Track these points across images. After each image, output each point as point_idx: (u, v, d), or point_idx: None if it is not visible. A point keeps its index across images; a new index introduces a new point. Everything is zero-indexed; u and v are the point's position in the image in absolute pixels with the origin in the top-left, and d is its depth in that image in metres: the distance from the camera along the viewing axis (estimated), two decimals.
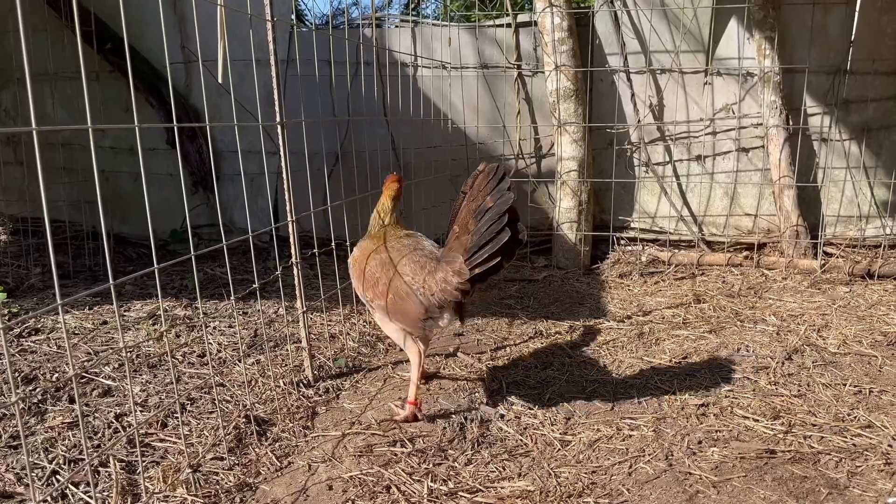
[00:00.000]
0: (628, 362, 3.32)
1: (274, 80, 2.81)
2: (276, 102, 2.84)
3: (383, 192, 3.04)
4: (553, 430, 2.62)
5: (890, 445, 2.43)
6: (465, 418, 2.71)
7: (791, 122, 5.01)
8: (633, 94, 5.39)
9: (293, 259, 2.95)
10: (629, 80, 5.37)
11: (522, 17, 5.56)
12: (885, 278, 4.73)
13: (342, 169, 5.68)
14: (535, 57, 5.58)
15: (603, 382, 3.10)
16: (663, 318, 4.06)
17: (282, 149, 2.87)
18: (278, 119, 2.85)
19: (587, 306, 4.39)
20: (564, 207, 5.33)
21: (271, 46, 2.77)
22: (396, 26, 5.86)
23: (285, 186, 2.90)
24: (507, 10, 5.53)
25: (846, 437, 2.50)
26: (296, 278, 2.98)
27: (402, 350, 3.49)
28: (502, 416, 2.75)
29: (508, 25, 5.56)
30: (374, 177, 4.45)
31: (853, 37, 4.95)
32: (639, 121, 5.40)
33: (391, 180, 3.03)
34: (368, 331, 3.77)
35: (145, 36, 5.51)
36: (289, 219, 2.93)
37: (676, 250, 5.34)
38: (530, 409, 2.81)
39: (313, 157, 5.57)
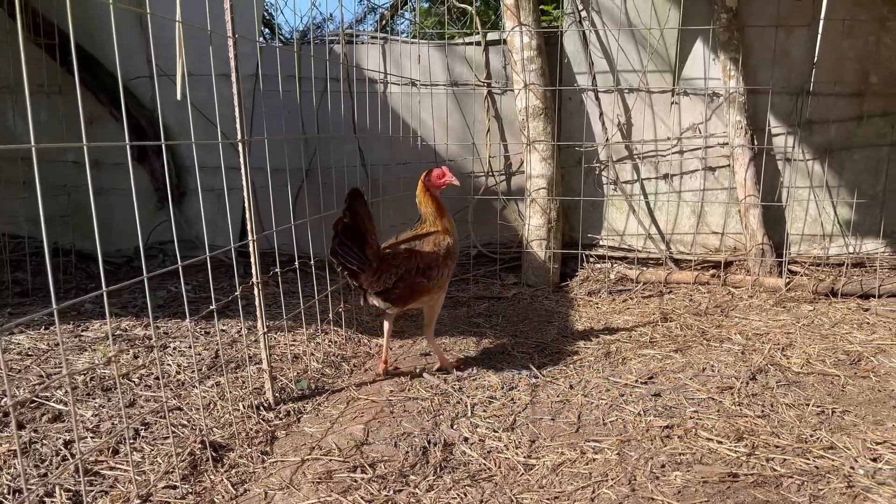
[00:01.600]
0: (595, 382, 3.30)
1: (235, 97, 2.76)
2: (238, 119, 2.79)
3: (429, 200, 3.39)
4: (517, 454, 2.58)
5: (852, 468, 2.43)
6: (429, 442, 2.67)
7: (756, 142, 5.08)
8: (601, 113, 5.42)
9: (253, 279, 2.89)
10: (597, 98, 5.40)
11: (492, 36, 5.58)
12: (847, 296, 4.79)
13: (310, 186, 5.63)
14: (504, 75, 5.60)
15: (569, 403, 3.07)
16: (630, 336, 4.05)
17: (243, 167, 2.82)
18: (239, 136, 2.80)
19: (555, 325, 4.37)
20: (534, 225, 5.33)
21: (232, 63, 2.73)
22: (364, 42, 5.84)
23: (246, 205, 2.85)
24: (476, 28, 5.55)
25: (809, 459, 2.50)
26: (256, 299, 2.92)
27: (366, 370, 3.45)
28: (466, 440, 2.71)
29: (478, 44, 5.58)
30: (341, 194, 4.41)
31: (816, 59, 5.04)
32: (607, 139, 5.44)
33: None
34: (333, 351, 3.71)
35: (109, 49, 5.42)
36: (249, 237, 2.88)
37: (645, 268, 5.37)
38: (495, 431, 2.77)
39: (282, 173, 5.53)
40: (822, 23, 4.96)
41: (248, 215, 2.84)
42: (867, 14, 4.91)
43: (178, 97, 2.55)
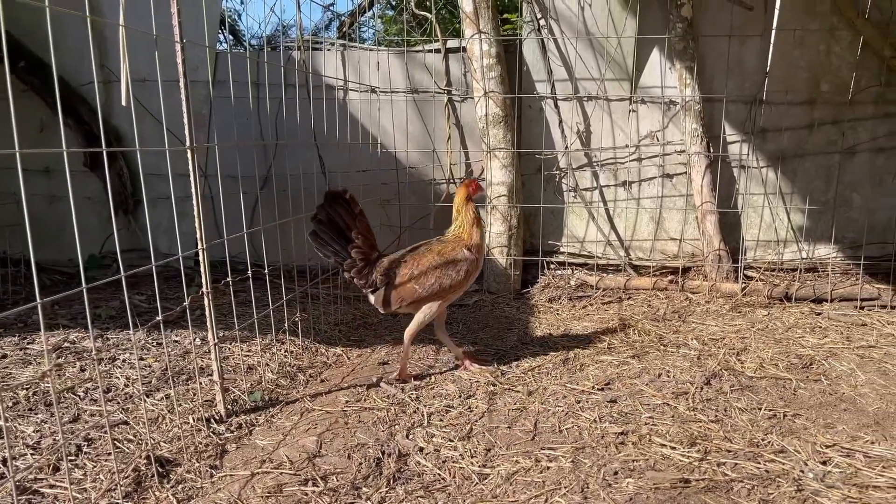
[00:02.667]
0: (552, 389, 3.30)
1: (183, 102, 2.70)
2: (186, 126, 2.73)
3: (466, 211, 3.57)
4: (472, 463, 2.56)
5: (802, 471, 2.46)
6: (383, 452, 2.63)
7: (712, 150, 5.16)
8: (560, 121, 5.46)
9: (203, 289, 2.83)
10: (557, 106, 5.43)
11: (452, 43, 5.58)
12: (801, 301, 4.88)
13: (269, 193, 5.56)
14: (464, 83, 5.61)
15: (526, 411, 3.06)
16: (589, 342, 4.07)
17: (192, 174, 2.76)
18: (188, 143, 2.74)
19: (515, 332, 4.37)
20: (495, 232, 5.33)
21: (180, 69, 2.67)
22: (324, 49, 5.79)
23: (195, 213, 2.79)
24: (436, 35, 5.54)
25: (759, 463, 2.52)
26: (206, 309, 2.85)
27: (322, 381, 3.40)
28: (421, 450, 2.67)
29: (438, 51, 5.57)
30: (301, 200, 4.35)
31: (768, 68, 5.14)
32: (566, 147, 5.47)
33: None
34: (289, 361, 3.65)
35: (62, 54, 5.29)
36: (199, 246, 2.81)
37: (604, 274, 5.40)
38: (451, 440, 2.75)
39: (241, 180, 5.44)
40: (773, 33, 5.07)
41: (196, 223, 2.78)
42: (818, 24, 5.02)
43: (123, 103, 2.48)
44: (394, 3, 8.85)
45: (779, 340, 4.05)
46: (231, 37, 9.65)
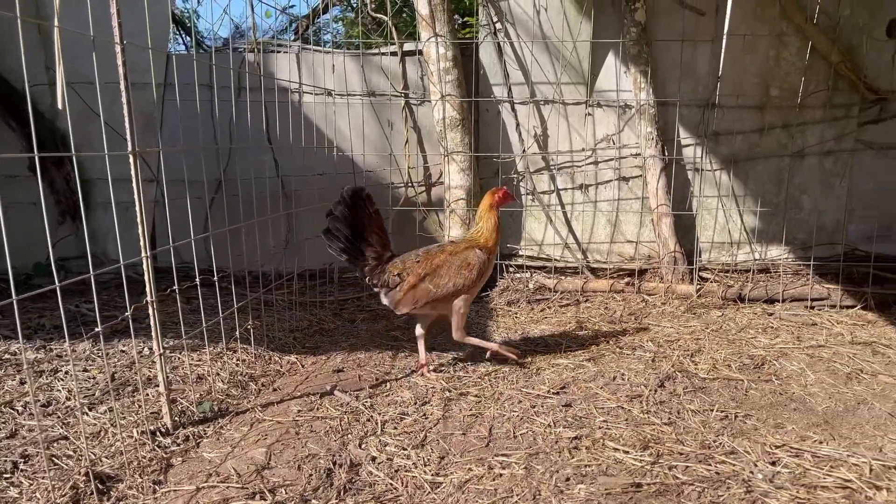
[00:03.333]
0: (508, 394, 3.28)
1: (124, 106, 2.62)
2: (128, 130, 2.65)
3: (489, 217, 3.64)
4: (425, 472, 2.52)
5: (751, 472, 2.48)
6: (334, 463, 2.58)
7: (666, 153, 5.21)
8: (518, 125, 5.46)
9: (148, 297, 2.74)
10: (514, 110, 5.44)
11: (409, 46, 5.55)
12: (754, 302, 4.96)
13: (223, 197, 5.44)
14: (421, 86, 5.58)
15: (481, 417, 3.03)
16: (546, 346, 4.07)
17: (134, 179, 2.67)
18: (129, 148, 2.65)
19: (474, 336, 4.34)
20: (454, 236, 5.31)
21: (121, 70, 2.59)
22: (279, 51, 5.70)
23: (139, 219, 2.70)
24: (390, 37, 5.50)
25: (710, 465, 2.53)
26: (151, 318, 2.77)
27: (275, 390, 3.33)
28: (374, 459, 2.63)
29: (394, 54, 5.53)
30: (257, 204, 4.28)
31: (720, 73, 5.22)
32: (524, 150, 5.48)
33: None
34: (241, 370, 3.56)
35: (5, 55, 5.13)
36: (143, 254, 2.73)
37: (562, 277, 5.41)
38: (404, 449, 2.71)
39: (193, 184, 5.32)
40: (725, 38, 5.15)
41: (140, 231, 2.70)
42: (767, 30, 5.12)
43: (59, 106, 2.39)
44: (354, 4, 8.78)
45: (732, 341, 4.10)
46: (189, 38, 9.46)
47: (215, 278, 3.38)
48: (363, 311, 4.97)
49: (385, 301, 3.59)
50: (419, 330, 3.68)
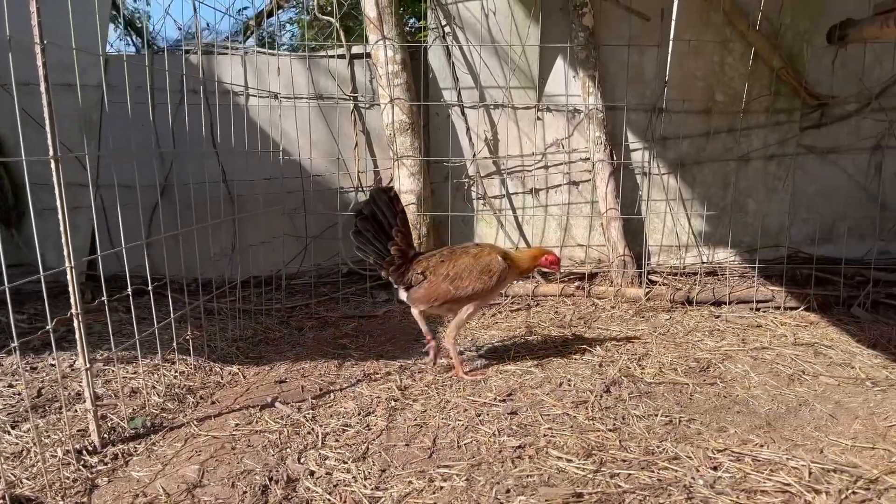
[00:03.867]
0: (454, 402, 3.23)
1: (45, 109, 2.49)
2: (49, 135, 2.52)
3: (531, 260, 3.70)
4: (365, 486, 2.45)
5: (693, 478, 2.47)
6: (270, 479, 2.49)
7: (615, 157, 5.24)
8: (468, 129, 5.43)
9: (72, 309, 2.61)
10: (464, 114, 5.41)
11: (357, 49, 5.47)
12: (702, 304, 5.01)
13: (166, 203, 5.27)
14: (370, 89, 5.51)
15: (426, 426, 2.98)
16: (495, 352, 4.03)
17: (56, 186, 2.55)
18: (51, 153, 2.52)
19: (423, 343, 4.28)
20: None
21: (41, 72, 2.46)
22: (221, 53, 5.56)
23: (61, 228, 2.57)
24: (338, 39, 5.42)
25: (653, 472, 2.52)
26: (77, 332, 2.64)
27: (214, 403, 3.23)
28: (312, 474, 2.55)
29: (342, 57, 5.45)
30: (200, 210, 4.16)
31: (667, 78, 5.27)
32: (474, 154, 5.45)
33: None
34: (179, 382, 3.44)
35: None
36: (66, 264, 2.60)
37: (513, 281, 5.38)
38: (344, 462, 2.63)
39: (134, 189, 5.15)
40: (671, 43, 5.20)
41: (63, 240, 2.57)
42: (711, 36, 5.19)
43: None
44: (307, 6, 8.65)
45: (679, 344, 4.13)
46: (138, 38, 9.21)
47: (149, 287, 3.25)
48: (311, 319, 4.87)
49: (402, 297, 3.68)
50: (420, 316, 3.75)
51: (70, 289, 2.61)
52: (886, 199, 5.46)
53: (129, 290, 3.01)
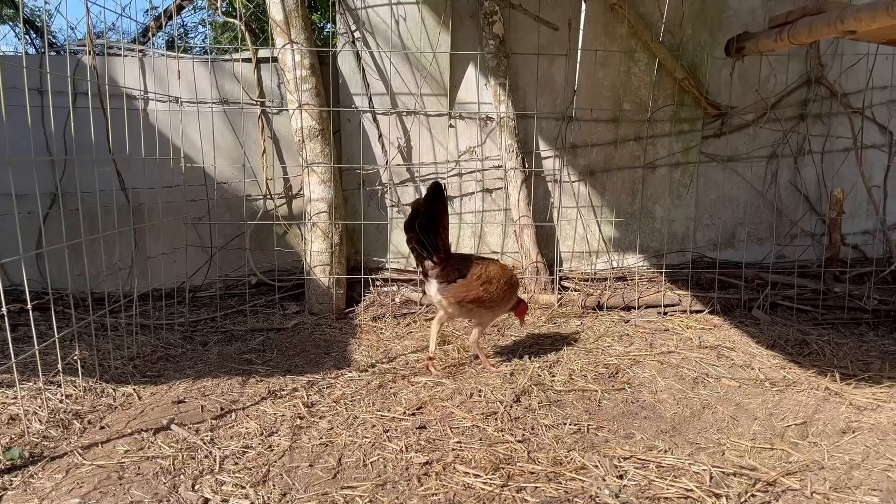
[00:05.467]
0: (363, 418, 3.14)
1: None
2: None
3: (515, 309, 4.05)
4: None
5: (599, 488, 2.47)
6: None
7: (527, 165, 5.27)
8: (380, 135, 5.35)
9: None
10: (376, 120, 5.32)
11: (263, 53, 5.30)
12: (612, 309, 5.10)
13: (57, 212, 4.95)
14: (279, 94, 5.34)
15: (332, 445, 2.87)
16: (407, 363, 3.96)
17: None
18: None
19: (333, 356, 4.17)
20: (316, 250, 5.10)
21: None
22: (118, 54, 5.26)
23: None
24: (243, 42, 5.23)
25: (560, 483, 2.50)
26: None
27: (103, 428, 3.02)
28: (206, 502, 2.40)
29: (248, 60, 5.26)
30: (88, 222, 3.89)
31: (576, 87, 5.35)
32: (387, 162, 5.37)
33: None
34: (65, 406, 3.19)
35: None
36: None
37: None
38: (243, 488, 2.50)
39: (23, 198, 4.82)
40: (579, 53, 5.28)
41: None
42: (618, 46, 5.30)
43: None
44: (217, 7, 8.36)
45: (589, 350, 4.17)
46: (38, 37, 8.72)
47: (28, 306, 3.00)
48: (217, 333, 4.66)
49: (433, 290, 3.71)
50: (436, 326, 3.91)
51: None
52: (782, 206, 5.71)
53: (4, 308, 2.76)
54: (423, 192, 5.37)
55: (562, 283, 5.37)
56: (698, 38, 5.36)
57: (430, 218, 3.57)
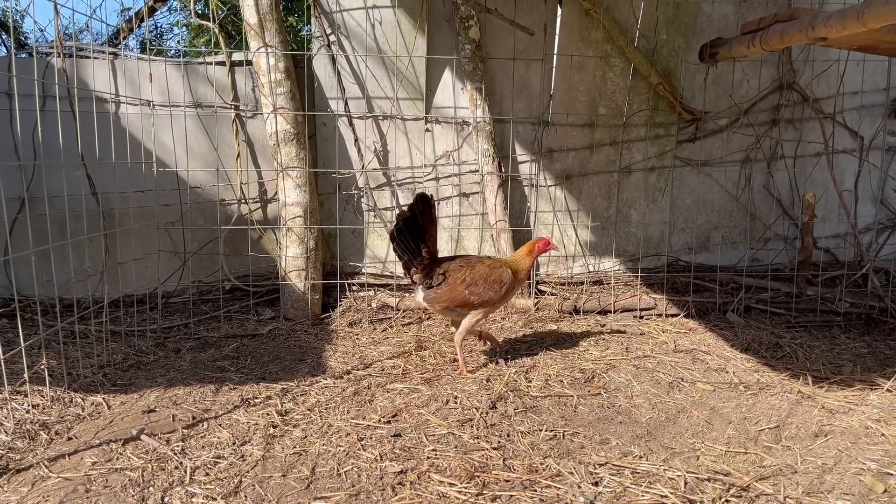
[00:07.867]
0: (337, 426, 3.10)
1: None
2: None
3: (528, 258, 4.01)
4: None
5: (574, 496, 2.46)
6: None
7: (503, 169, 5.26)
8: (356, 139, 5.31)
9: None
10: (352, 124, 5.28)
11: (238, 56, 5.24)
12: (589, 313, 5.11)
13: (25, 218, 4.85)
14: (253, 98, 5.29)
15: (306, 454, 2.83)
16: (383, 369, 3.93)
17: None
18: None
19: (308, 363, 4.13)
20: (291, 255, 5.05)
21: None
22: (86, 56, 5.17)
23: None
24: (216, 45, 5.16)
25: (535, 491, 2.49)
26: None
27: (70, 439, 2.96)
28: None
29: (222, 63, 5.20)
30: (67, 224, 3.80)
31: (552, 91, 5.36)
32: (363, 166, 5.33)
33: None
34: (31, 417, 3.12)
35: None
36: None
37: (406, 295, 5.30)
38: (214, 499, 2.45)
39: None
40: (555, 58, 5.29)
41: None
42: (593, 51, 5.32)
43: None
44: (192, 9, 8.26)
45: (565, 355, 4.17)
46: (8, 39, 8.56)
47: (15, 303, 2.93)
48: (191, 339, 4.59)
49: (419, 297, 3.88)
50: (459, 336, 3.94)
51: None
52: (756, 210, 5.77)
53: None
54: (400, 196, 5.38)
55: (538, 287, 5.37)
56: (672, 43, 5.40)
57: (412, 225, 3.72)
